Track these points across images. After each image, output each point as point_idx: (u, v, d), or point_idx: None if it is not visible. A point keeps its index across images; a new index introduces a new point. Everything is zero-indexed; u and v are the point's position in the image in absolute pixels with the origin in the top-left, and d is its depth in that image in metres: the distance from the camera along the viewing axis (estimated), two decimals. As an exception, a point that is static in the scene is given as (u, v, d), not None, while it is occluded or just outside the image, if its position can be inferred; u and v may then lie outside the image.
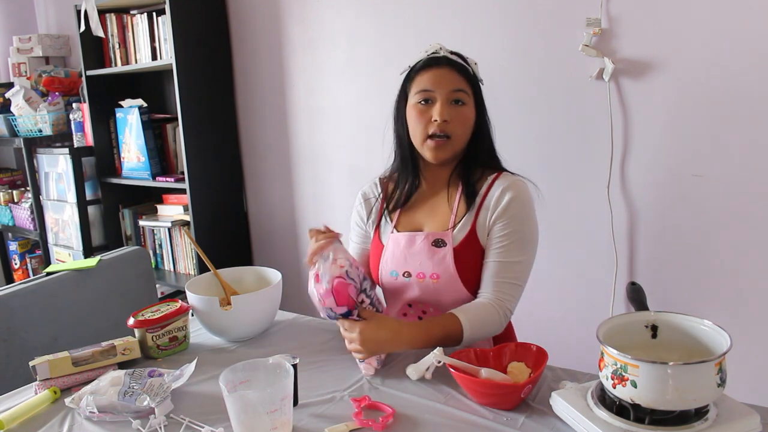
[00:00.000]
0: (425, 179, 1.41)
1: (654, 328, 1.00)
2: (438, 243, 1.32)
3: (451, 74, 1.31)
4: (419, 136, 1.33)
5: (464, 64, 1.35)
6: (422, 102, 1.32)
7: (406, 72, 1.38)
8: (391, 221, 1.41)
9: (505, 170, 1.38)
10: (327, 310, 1.19)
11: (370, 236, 1.46)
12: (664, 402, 0.86)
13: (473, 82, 1.35)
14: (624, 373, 0.88)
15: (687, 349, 0.97)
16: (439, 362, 1.13)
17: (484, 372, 1.08)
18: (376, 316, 1.20)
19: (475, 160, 1.38)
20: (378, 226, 1.43)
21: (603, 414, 0.92)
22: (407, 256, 1.34)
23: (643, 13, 1.69)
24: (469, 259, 1.31)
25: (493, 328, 1.28)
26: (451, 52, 1.35)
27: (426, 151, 1.33)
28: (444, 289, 1.31)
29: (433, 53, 1.34)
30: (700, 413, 0.90)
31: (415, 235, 1.35)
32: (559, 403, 0.99)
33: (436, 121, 1.29)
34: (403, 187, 1.41)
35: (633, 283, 1.17)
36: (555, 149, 1.91)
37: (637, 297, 1.14)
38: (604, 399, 0.95)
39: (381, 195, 1.46)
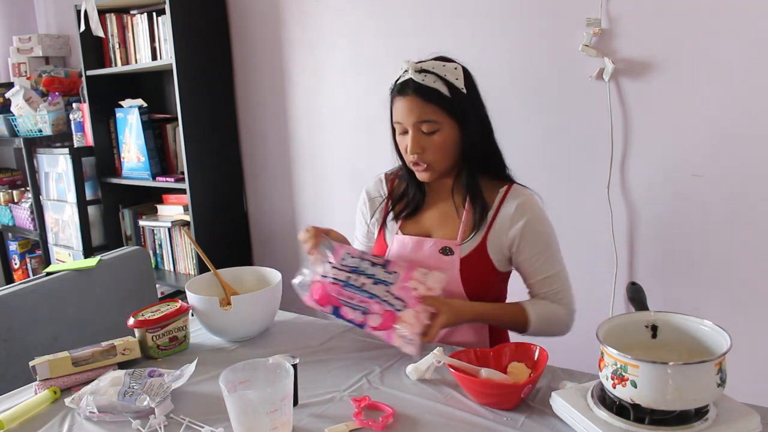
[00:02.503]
0: (430, 186, 1.41)
1: (654, 328, 1.00)
2: (446, 251, 1.32)
3: (416, 103, 1.26)
4: (406, 160, 1.35)
5: (432, 86, 1.25)
6: (401, 132, 1.32)
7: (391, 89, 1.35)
8: (397, 222, 1.41)
9: (514, 181, 1.37)
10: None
11: (374, 234, 1.46)
12: (664, 402, 0.86)
13: (446, 102, 1.26)
14: (624, 373, 0.88)
15: (687, 349, 0.97)
16: (439, 362, 1.13)
17: (484, 372, 1.08)
18: (439, 299, 1.23)
19: (477, 168, 1.34)
20: (383, 225, 1.43)
21: (603, 414, 0.92)
22: (413, 260, 1.34)
23: (643, 13, 1.69)
24: (476, 271, 1.31)
25: (562, 326, 1.34)
26: (421, 70, 1.27)
27: (415, 171, 1.35)
28: (447, 296, 1.31)
29: (402, 75, 1.29)
30: (700, 413, 0.90)
31: (423, 240, 1.35)
32: (559, 403, 0.99)
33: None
34: (410, 198, 1.41)
35: (633, 283, 1.17)
36: (555, 149, 1.91)
37: (637, 297, 1.14)
38: (604, 399, 0.95)
39: (387, 193, 1.46)
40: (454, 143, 1.31)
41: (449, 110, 1.27)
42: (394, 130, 1.36)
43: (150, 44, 2.63)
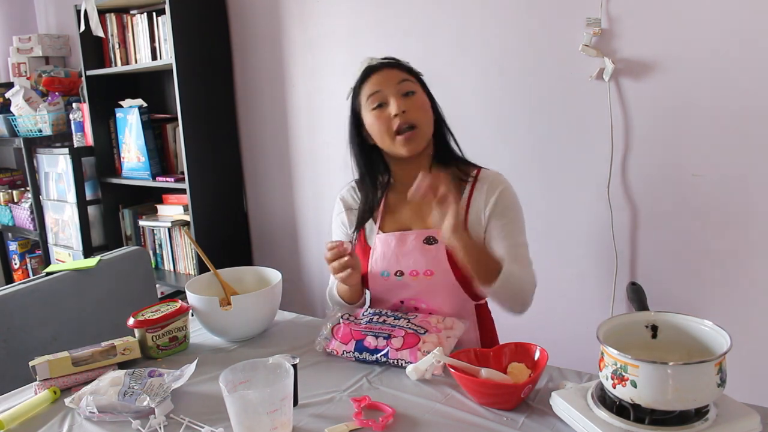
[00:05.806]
0: (403, 180, 1.42)
1: (654, 328, 1.00)
2: (429, 240, 1.35)
3: (392, 71, 1.37)
4: (387, 137, 1.34)
5: (401, 61, 1.41)
6: (377, 107, 1.34)
7: (351, 93, 1.43)
8: (375, 223, 1.42)
9: (480, 166, 1.43)
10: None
11: (354, 240, 1.46)
12: (664, 402, 0.86)
13: (415, 74, 1.40)
14: (624, 373, 0.88)
15: (687, 349, 0.97)
16: (439, 362, 1.13)
17: (484, 372, 1.08)
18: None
19: (447, 153, 1.41)
20: (362, 230, 1.44)
21: (603, 414, 0.92)
22: (399, 256, 1.36)
23: (643, 13, 1.69)
24: None
25: (529, 280, 1.32)
26: (384, 58, 1.42)
27: (398, 147, 1.34)
28: (438, 285, 1.34)
29: (367, 66, 1.40)
30: (700, 413, 0.90)
31: (405, 234, 1.37)
32: (559, 403, 0.99)
33: (396, 116, 1.31)
34: (369, 197, 1.43)
35: (633, 283, 1.17)
36: (555, 149, 1.91)
37: (637, 297, 1.14)
38: (604, 399, 0.95)
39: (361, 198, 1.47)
40: (430, 109, 1.38)
41: (418, 80, 1.40)
42: (351, 132, 1.43)
43: (150, 44, 2.63)
